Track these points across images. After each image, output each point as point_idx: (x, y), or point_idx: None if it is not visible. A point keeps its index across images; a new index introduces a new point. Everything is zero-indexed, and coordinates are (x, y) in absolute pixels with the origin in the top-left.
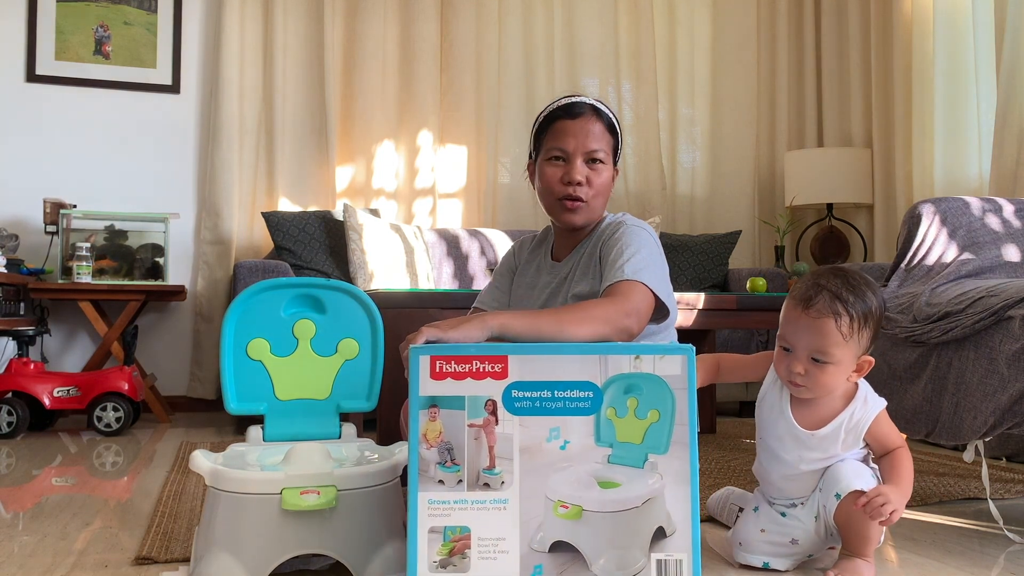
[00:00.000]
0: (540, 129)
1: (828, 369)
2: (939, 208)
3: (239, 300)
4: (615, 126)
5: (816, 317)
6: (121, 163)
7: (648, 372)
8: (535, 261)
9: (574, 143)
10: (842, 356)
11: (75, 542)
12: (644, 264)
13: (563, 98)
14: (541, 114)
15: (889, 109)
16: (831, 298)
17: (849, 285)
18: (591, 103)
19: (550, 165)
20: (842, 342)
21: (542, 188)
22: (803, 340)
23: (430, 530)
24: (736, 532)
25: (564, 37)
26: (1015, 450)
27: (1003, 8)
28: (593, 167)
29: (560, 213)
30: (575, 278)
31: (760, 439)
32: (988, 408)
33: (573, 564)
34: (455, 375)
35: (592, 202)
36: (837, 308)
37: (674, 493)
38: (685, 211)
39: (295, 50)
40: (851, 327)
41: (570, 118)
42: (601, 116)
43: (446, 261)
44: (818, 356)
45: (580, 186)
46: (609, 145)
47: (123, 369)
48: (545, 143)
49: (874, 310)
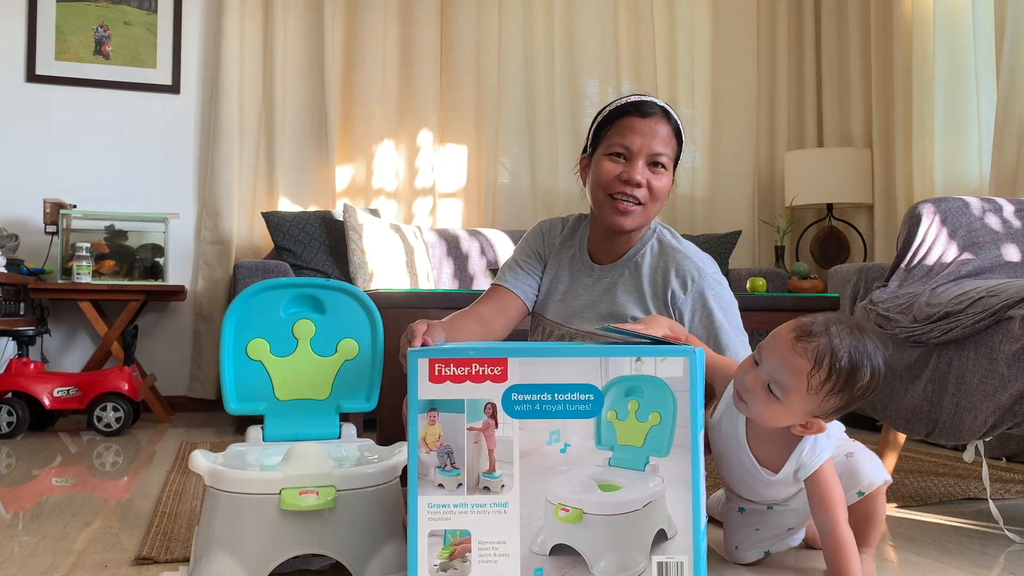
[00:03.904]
0: (604, 123)
1: (774, 406)
2: (939, 208)
3: (239, 300)
4: (681, 133)
5: (798, 353)
6: (121, 163)
7: (649, 374)
8: (568, 253)
9: (640, 142)
10: (795, 403)
11: (75, 542)
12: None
13: (632, 95)
14: (607, 107)
15: (889, 109)
16: (826, 346)
17: (854, 347)
18: (662, 105)
19: (610, 160)
20: (803, 391)
21: (596, 182)
22: (772, 364)
23: (430, 534)
24: (730, 536)
25: (564, 37)
26: (1015, 450)
27: (1003, 8)
28: (655, 171)
29: (610, 214)
30: (620, 293)
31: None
32: (988, 408)
33: (574, 567)
34: (454, 378)
35: (648, 207)
36: (823, 359)
37: (675, 496)
38: (685, 211)
39: (295, 50)
40: (822, 384)
41: (640, 116)
42: (670, 120)
43: (446, 261)
44: (774, 388)
45: (639, 188)
46: (673, 151)
47: (123, 369)
48: (608, 138)
49: (859, 385)
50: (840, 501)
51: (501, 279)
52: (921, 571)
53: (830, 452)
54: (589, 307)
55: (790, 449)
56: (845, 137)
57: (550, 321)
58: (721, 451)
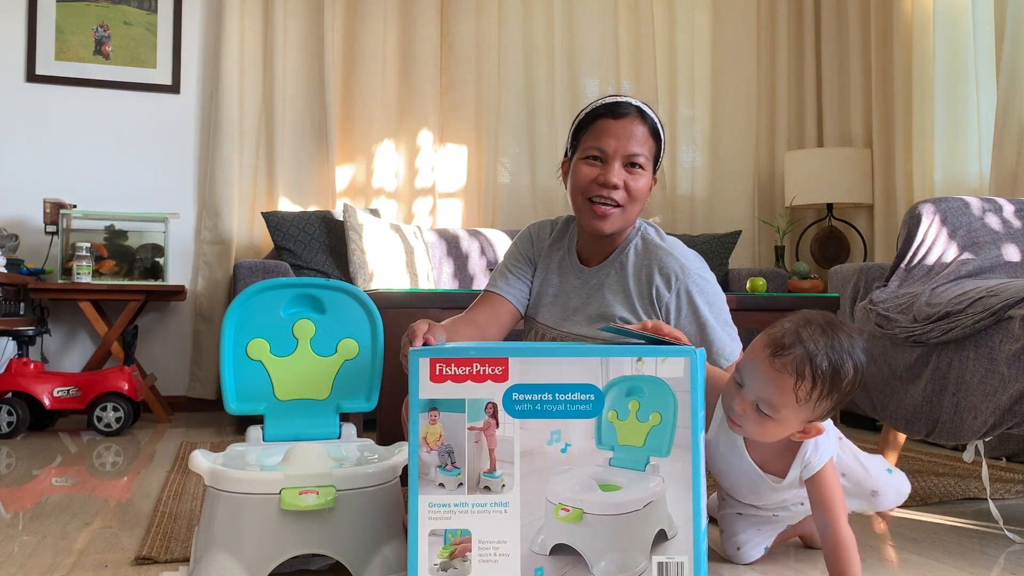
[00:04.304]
0: (580, 126)
1: (768, 424)
2: (939, 208)
3: (239, 300)
4: (659, 131)
5: (778, 370)
6: (121, 163)
7: (650, 375)
8: (557, 255)
9: (614, 144)
10: (788, 416)
11: (75, 542)
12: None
13: (608, 96)
14: (583, 111)
15: (889, 109)
16: (803, 356)
17: (830, 347)
18: (637, 104)
19: (586, 164)
20: (793, 404)
21: (574, 186)
22: (756, 386)
23: (431, 533)
24: (732, 537)
25: (564, 37)
26: (1015, 450)
27: (1003, 8)
28: (632, 171)
29: (589, 218)
30: (607, 294)
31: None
32: (988, 408)
33: (574, 567)
34: (455, 378)
35: (627, 208)
36: (804, 370)
37: (676, 496)
38: (685, 211)
39: (295, 50)
40: (810, 393)
41: (613, 117)
42: (646, 119)
43: (446, 261)
44: (763, 407)
45: (616, 190)
46: (651, 151)
47: (123, 369)
48: (584, 141)
49: (845, 382)
50: (841, 501)
51: (493, 285)
52: (921, 571)
53: (832, 452)
54: (579, 309)
55: (792, 452)
56: (845, 137)
57: (542, 325)
58: (722, 468)
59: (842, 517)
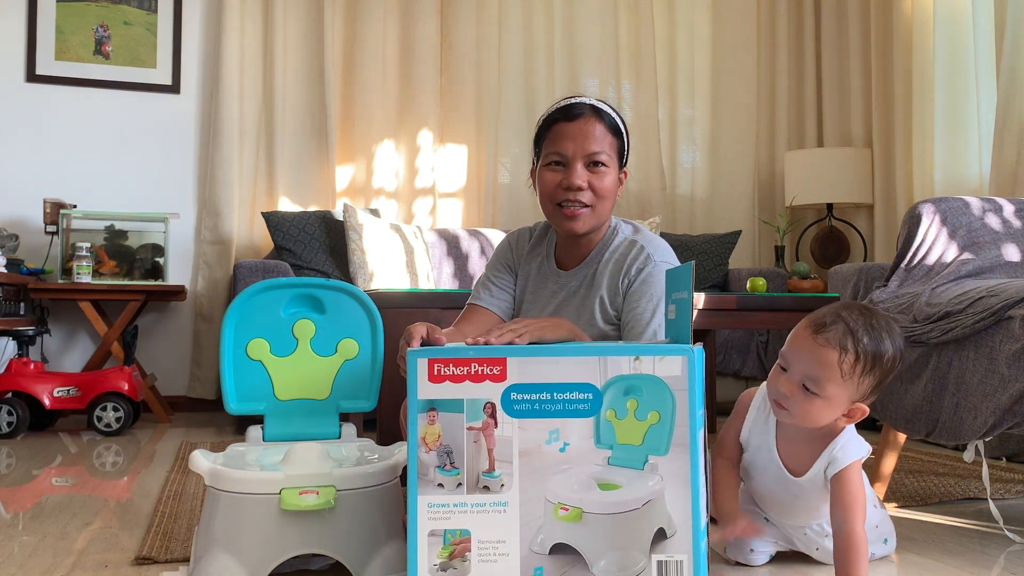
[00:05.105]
0: (539, 134)
1: (816, 402)
2: (939, 208)
3: (239, 300)
4: (619, 126)
5: (822, 344)
6: (121, 163)
7: (648, 373)
8: (536, 261)
9: (573, 146)
10: (835, 393)
11: (75, 542)
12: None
13: (562, 100)
14: (540, 118)
15: (889, 109)
16: (844, 331)
17: (869, 325)
18: (591, 103)
19: (549, 171)
20: (839, 379)
21: (541, 193)
22: (801, 364)
23: (430, 533)
24: (746, 540)
25: (564, 37)
26: (1015, 450)
27: (1003, 8)
28: (595, 170)
29: (560, 221)
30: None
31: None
32: (988, 408)
33: (574, 566)
34: (453, 378)
35: (597, 207)
36: (847, 343)
37: (674, 494)
38: (685, 211)
39: (295, 50)
40: (854, 367)
41: (568, 120)
42: (602, 117)
43: (446, 261)
44: (810, 385)
45: (581, 191)
46: (612, 147)
47: (123, 369)
48: (544, 148)
49: (886, 358)
50: (862, 504)
51: (476, 298)
52: (921, 571)
53: (861, 454)
54: (558, 312)
55: (822, 447)
56: (845, 137)
57: None
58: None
59: (859, 517)
